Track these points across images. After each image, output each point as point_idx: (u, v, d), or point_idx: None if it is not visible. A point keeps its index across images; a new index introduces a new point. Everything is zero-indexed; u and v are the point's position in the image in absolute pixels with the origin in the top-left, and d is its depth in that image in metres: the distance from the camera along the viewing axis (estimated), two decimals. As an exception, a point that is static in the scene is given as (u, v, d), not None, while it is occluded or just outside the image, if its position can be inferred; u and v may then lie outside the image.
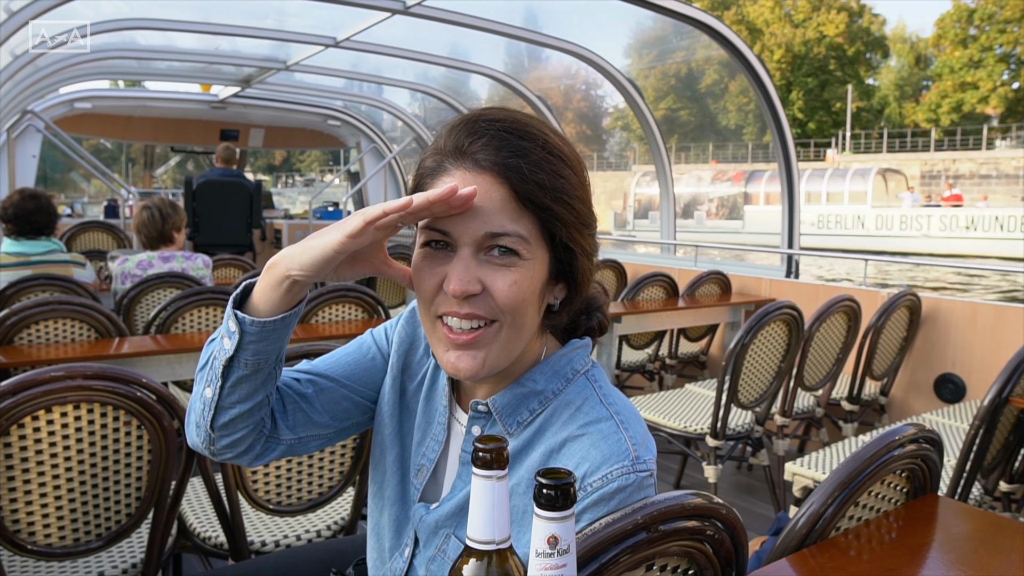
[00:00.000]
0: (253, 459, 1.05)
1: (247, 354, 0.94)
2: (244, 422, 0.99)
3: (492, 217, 0.87)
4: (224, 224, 7.19)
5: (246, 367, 0.94)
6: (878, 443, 1.19)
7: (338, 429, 1.11)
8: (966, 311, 3.81)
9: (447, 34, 5.86)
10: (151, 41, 6.51)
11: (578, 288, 0.97)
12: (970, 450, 2.19)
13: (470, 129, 0.90)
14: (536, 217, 0.89)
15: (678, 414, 3.35)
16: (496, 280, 0.89)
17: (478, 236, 0.88)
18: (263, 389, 0.98)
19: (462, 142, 0.89)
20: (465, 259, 0.88)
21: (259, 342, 0.93)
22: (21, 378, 1.50)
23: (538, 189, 0.88)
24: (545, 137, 0.91)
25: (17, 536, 1.58)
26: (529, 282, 0.90)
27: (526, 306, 0.91)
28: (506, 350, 0.92)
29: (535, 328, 0.96)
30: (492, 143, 0.88)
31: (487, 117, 0.91)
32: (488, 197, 0.87)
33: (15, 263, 3.43)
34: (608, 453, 0.89)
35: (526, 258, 0.89)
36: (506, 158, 0.87)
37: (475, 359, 0.91)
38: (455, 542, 0.97)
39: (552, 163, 0.89)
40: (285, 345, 0.98)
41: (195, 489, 2.29)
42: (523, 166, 0.87)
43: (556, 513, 0.61)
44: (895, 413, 4.08)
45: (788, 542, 1.14)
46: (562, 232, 0.91)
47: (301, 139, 9.95)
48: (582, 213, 0.92)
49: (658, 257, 6.33)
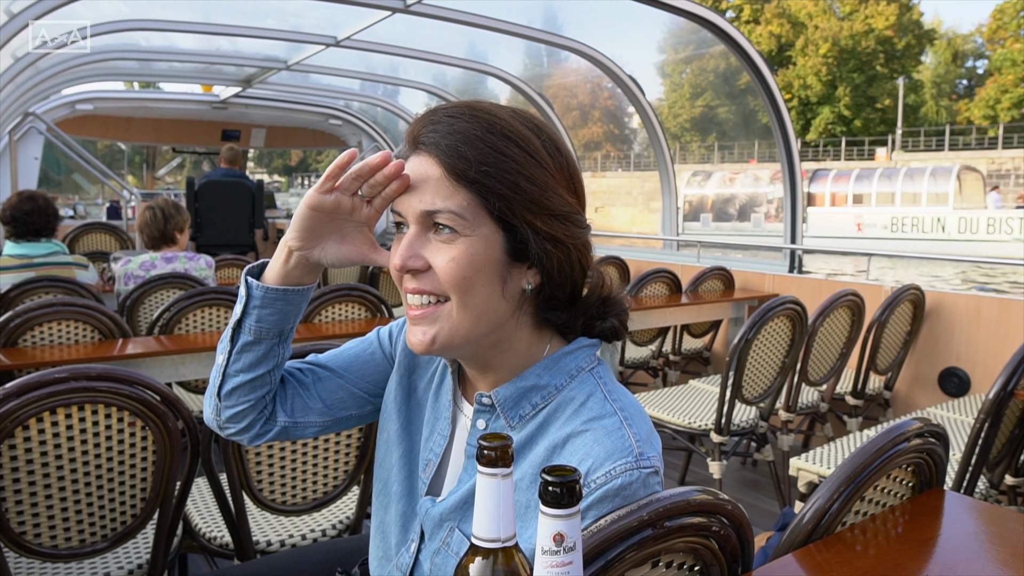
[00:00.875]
0: (253, 437, 1.12)
1: (251, 319, 1.03)
2: (247, 395, 1.07)
3: (427, 196, 0.91)
4: (226, 224, 7.20)
5: (250, 333, 1.03)
6: (883, 438, 1.18)
7: (334, 418, 1.16)
8: (970, 305, 3.80)
9: (465, 35, 5.82)
10: (152, 42, 6.52)
11: (551, 275, 0.95)
12: (975, 444, 2.19)
13: (427, 119, 0.95)
14: (470, 192, 0.90)
15: (682, 410, 3.34)
16: (437, 256, 0.92)
17: (417, 213, 0.92)
18: (265, 363, 1.06)
19: (416, 130, 0.95)
20: (409, 236, 0.93)
21: (263, 308, 1.02)
22: (25, 380, 1.50)
23: (463, 163, 0.90)
24: (493, 118, 0.93)
25: (23, 537, 1.58)
26: (470, 259, 0.91)
27: (472, 283, 0.92)
28: (461, 327, 0.93)
29: (501, 311, 0.95)
30: (437, 127, 0.92)
31: (442, 106, 0.96)
32: (425, 177, 0.92)
33: (18, 265, 3.43)
34: (612, 449, 0.88)
35: (465, 234, 0.91)
36: (442, 138, 0.91)
37: (425, 334, 0.94)
38: (459, 535, 0.97)
39: (491, 141, 0.91)
40: (290, 324, 1.06)
41: (200, 489, 2.29)
42: (455, 144, 0.91)
43: (562, 510, 0.61)
44: (899, 408, 4.07)
45: (794, 537, 1.13)
46: (499, 207, 0.91)
47: (302, 139, 9.96)
48: (530, 193, 0.91)
49: (661, 253, 6.32)
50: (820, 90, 44.67)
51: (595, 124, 51.95)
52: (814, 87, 44.53)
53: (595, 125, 51.86)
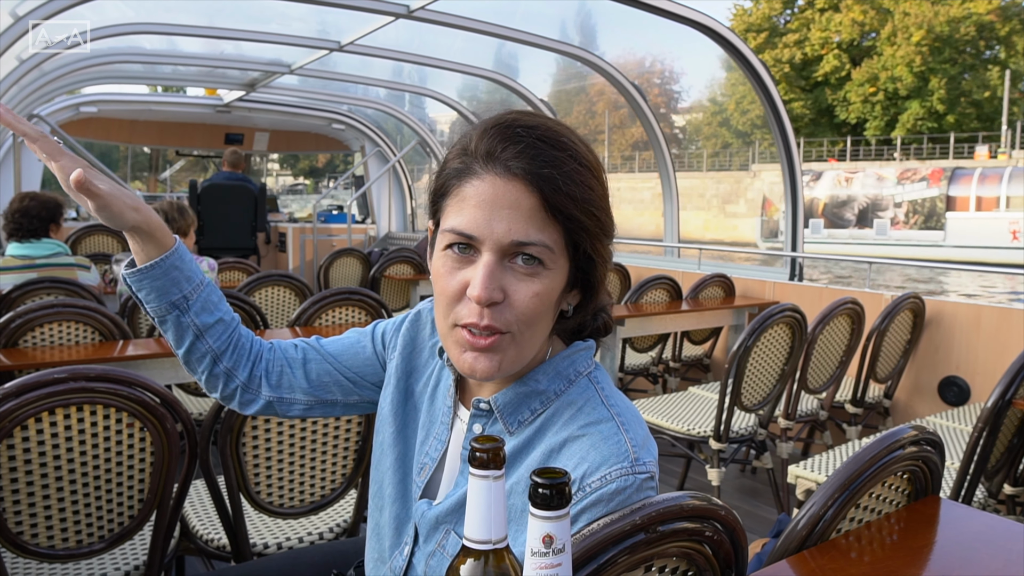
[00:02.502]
0: (239, 405, 1.18)
1: (143, 304, 1.10)
2: (198, 365, 1.14)
3: (520, 225, 0.87)
4: (229, 227, 7.22)
5: (152, 314, 1.10)
6: (878, 445, 1.19)
7: (318, 400, 1.19)
8: (970, 314, 3.80)
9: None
10: (156, 46, 6.54)
11: (593, 295, 0.98)
12: (973, 453, 2.19)
13: (504, 135, 0.89)
14: (563, 227, 0.89)
15: (681, 417, 3.34)
16: (519, 290, 0.89)
17: (504, 243, 0.87)
18: (186, 334, 1.11)
19: (494, 147, 0.89)
20: (490, 265, 0.88)
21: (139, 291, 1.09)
22: (25, 380, 1.51)
23: (569, 201, 0.88)
24: (576, 147, 0.91)
25: (20, 537, 1.59)
26: (549, 292, 0.91)
27: (544, 316, 0.92)
28: (520, 355, 0.93)
29: (547, 331, 0.97)
30: (526, 151, 0.87)
31: (521, 123, 0.90)
32: (517, 205, 0.87)
33: (20, 266, 3.44)
34: (608, 454, 0.89)
35: (549, 268, 0.90)
36: (539, 167, 0.87)
37: (492, 361, 0.91)
38: (455, 538, 0.98)
39: (582, 174, 0.90)
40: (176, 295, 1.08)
41: (198, 491, 2.29)
42: (556, 177, 0.87)
43: (551, 512, 0.61)
44: (899, 416, 4.06)
45: (788, 544, 1.13)
46: (586, 243, 0.91)
47: (305, 143, 9.98)
48: (605, 223, 0.93)
49: (661, 260, 6.32)
50: (911, 82, 39.45)
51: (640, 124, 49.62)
52: (904, 79, 39.45)
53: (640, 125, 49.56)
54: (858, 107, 41.17)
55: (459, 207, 0.90)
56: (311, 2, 4.47)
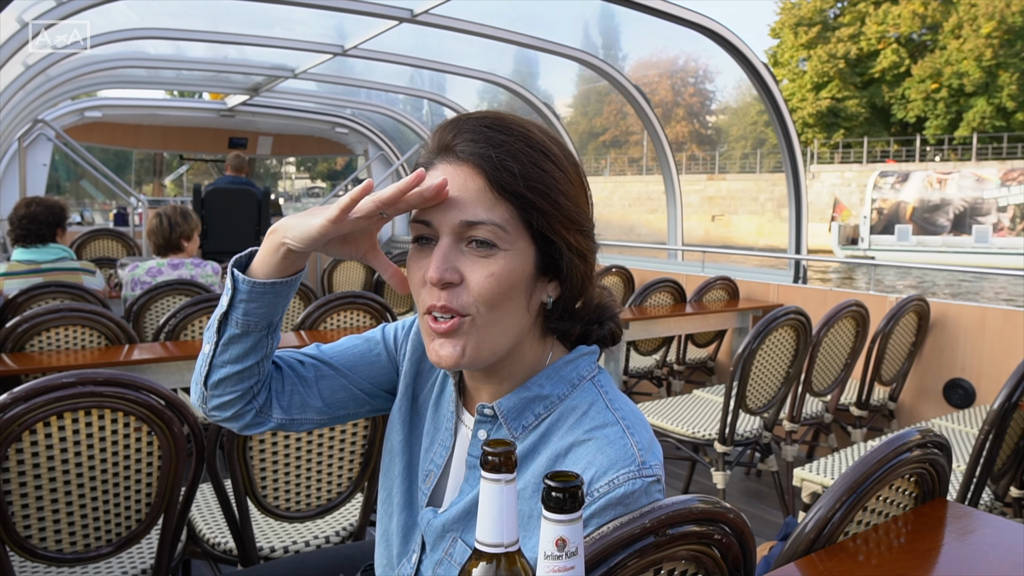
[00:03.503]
0: (243, 427, 1.09)
1: (238, 312, 0.99)
2: (234, 386, 1.04)
3: (468, 207, 0.90)
4: (233, 232, 7.23)
5: (237, 326, 0.99)
6: (886, 448, 1.19)
7: (331, 416, 1.14)
8: (975, 316, 3.79)
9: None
10: (160, 50, 6.56)
11: (571, 288, 0.97)
12: (980, 455, 2.18)
13: (454, 126, 0.94)
14: (512, 206, 0.91)
15: (686, 420, 3.34)
16: (474, 271, 0.90)
17: (455, 224, 0.90)
18: (253, 354, 1.02)
19: (445, 138, 0.94)
20: (444, 248, 0.91)
21: (250, 302, 0.98)
22: (32, 385, 1.51)
23: (510, 177, 0.90)
24: (527, 132, 0.93)
25: (28, 541, 1.59)
26: (508, 274, 0.91)
27: (503, 298, 0.92)
28: (486, 341, 0.93)
29: (523, 324, 0.96)
30: (471, 137, 0.91)
31: (471, 115, 0.95)
32: (465, 187, 0.90)
33: (26, 271, 3.45)
34: (614, 458, 0.89)
35: (504, 248, 0.90)
36: (483, 149, 0.90)
37: (455, 347, 0.92)
38: (462, 546, 0.98)
39: (530, 155, 0.92)
40: (278, 315, 1.02)
41: (204, 495, 2.30)
42: (496, 156, 0.90)
43: (564, 515, 0.61)
44: (904, 419, 4.06)
45: (796, 547, 1.13)
46: (540, 221, 0.92)
47: (309, 147, 10.00)
48: (564, 207, 0.93)
49: (665, 263, 6.32)
50: (979, 78, 35.88)
51: (679, 123, 46.27)
52: (972, 74, 35.88)
53: (679, 124, 46.07)
54: (918, 105, 37.81)
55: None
56: (315, 6, 4.49)
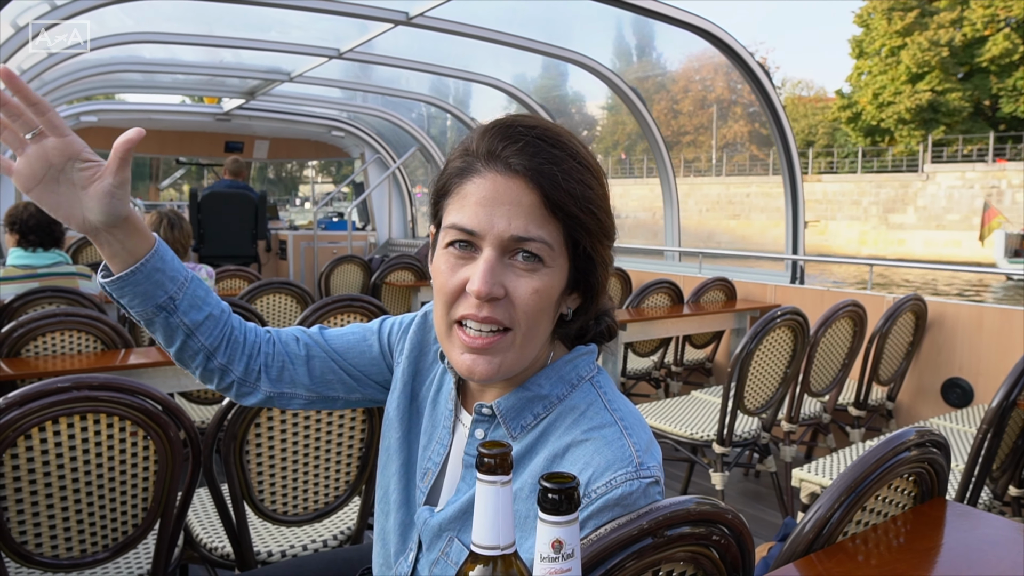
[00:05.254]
0: (237, 396, 1.15)
1: (126, 309, 1.03)
2: (191, 361, 1.09)
3: (520, 221, 0.88)
4: (229, 235, 7.22)
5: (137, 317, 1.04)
6: (884, 447, 1.18)
7: (320, 395, 1.16)
8: (972, 315, 3.80)
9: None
10: (156, 54, 6.55)
11: (593, 299, 0.98)
12: (978, 455, 2.18)
13: (504, 133, 0.91)
14: (562, 225, 0.90)
15: (684, 421, 3.34)
16: (519, 286, 0.89)
17: (504, 238, 0.88)
18: (176, 334, 1.05)
19: (495, 146, 0.90)
20: (490, 261, 0.89)
21: (121, 297, 1.01)
22: (27, 390, 1.51)
23: (568, 197, 0.89)
24: (575, 147, 0.92)
25: (24, 547, 1.58)
26: (549, 290, 0.91)
27: (542, 315, 0.92)
28: (520, 357, 0.93)
29: (547, 336, 0.97)
30: (526, 149, 0.89)
31: (521, 123, 0.92)
32: (518, 202, 0.88)
33: (22, 275, 3.44)
34: (612, 459, 0.88)
35: (549, 266, 0.90)
36: (539, 164, 0.88)
37: (491, 363, 0.91)
38: (458, 545, 0.97)
39: (581, 173, 0.91)
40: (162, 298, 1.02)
41: (201, 499, 2.29)
42: (556, 173, 0.88)
43: (560, 517, 0.61)
44: (903, 418, 4.06)
45: (795, 547, 1.13)
46: (586, 241, 0.92)
47: (305, 150, 9.99)
48: (605, 224, 0.94)
49: (662, 264, 6.32)
50: None
51: (736, 122, 44.53)
52: None
53: (736, 123, 44.52)
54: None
55: (461, 204, 0.91)
56: (310, 10, 4.49)
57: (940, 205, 28.02)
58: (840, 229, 30.23)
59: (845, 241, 29.74)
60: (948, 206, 27.81)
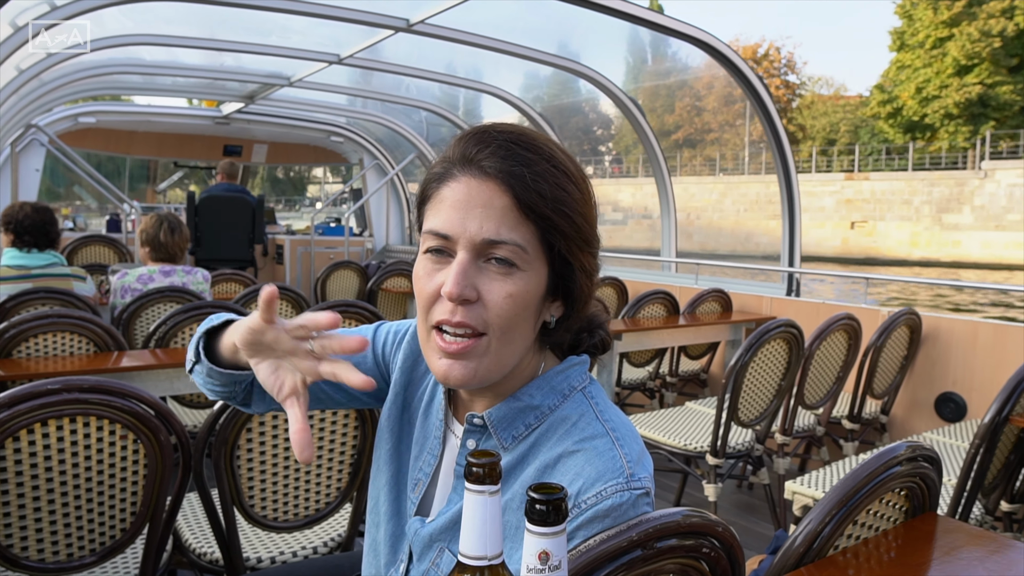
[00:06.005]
0: (239, 405, 1.17)
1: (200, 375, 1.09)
2: (216, 393, 1.13)
3: (492, 224, 0.88)
4: (226, 239, 7.21)
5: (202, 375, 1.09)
6: (876, 461, 1.18)
7: (312, 395, 1.14)
8: (966, 330, 3.80)
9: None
10: (156, 57, 6.55)
11: (575, 307, 0.97)
12: (970, 469, 2.18)
13: (478, 139, 0.92)
14: (536, 227, 0.90)
15: (678, 432, 3.33)
16: (492, 289, 0.89)
17: (476, 241, 0.89)
18: (227, 387, 1.10)
19: (469, 150, 0.91)
20: (463, 263, 0.89)
21: (209, 376, 1.07)
22: (17, 391, 1.50)
23: (539, 199, 0.89)
24: (551, 151, 0.93)
25: (10, 550, 1.57)
26: (524, 295, 0.90)
27: (518, 320, 0.91)
28: (498, 362, 0.92)
29: (529, 343, 0.96)
30: (498, 152, 0.90)
31: (495, 128, 0.93)
32: (490, 204, 0.89)
33: (16, 276, 3.43)
34: (603, 470, 0.88)
35: (523, 269, 0.90)
36: (511, 166, 0.89)
37: (466, 368, 0.91)
38: (449, 556, 0.97)
39: (555, 176, 0.91)
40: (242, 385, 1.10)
41: (191, 504, 2.28)
42: (526, 175, 0.89)
43: (548, 528, 0.60)
44: (896, 432, 4.06)
45: (786, 560, 1.13)
46: (561, 244, 0.91)
47: (304, 155, 9.99)
48: (583, 229, 0.93)
49: (658, 274, 6.32)
50: None
51: None
52: None
53: None
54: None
55: (437, 209, 0.92)
56: (311, 15, 4.49)
57: (1000, 204, 26.00)
58: (890, 230, 28.26)
59: (896, 243, 27.80)
60: (1008, 205, 25.74)
